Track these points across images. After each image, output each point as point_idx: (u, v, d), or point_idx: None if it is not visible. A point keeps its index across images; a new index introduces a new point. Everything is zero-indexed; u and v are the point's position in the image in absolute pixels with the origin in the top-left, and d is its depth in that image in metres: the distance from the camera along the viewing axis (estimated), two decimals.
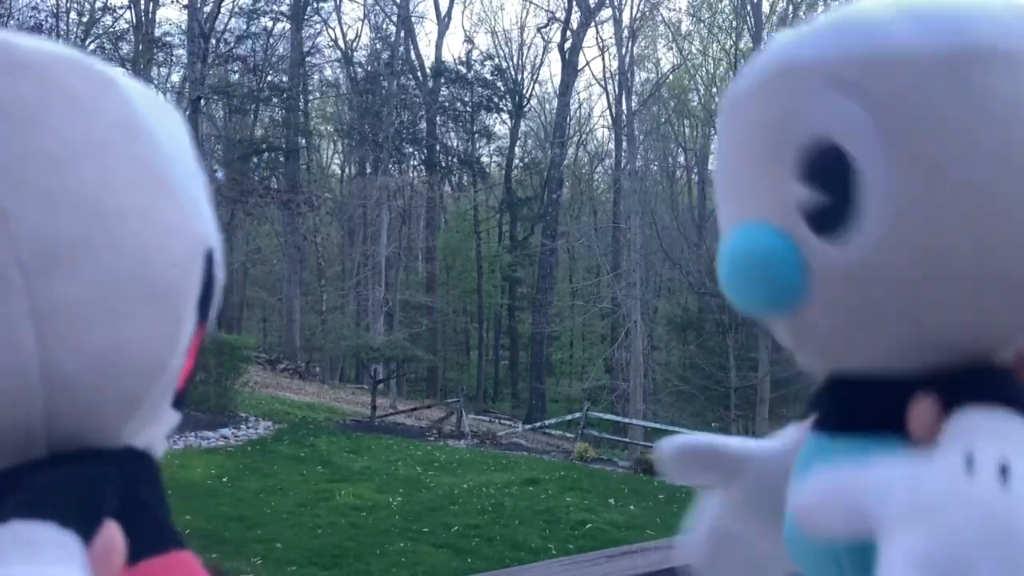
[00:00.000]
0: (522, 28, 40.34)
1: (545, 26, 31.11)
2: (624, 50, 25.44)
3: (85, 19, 22.11)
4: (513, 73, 31.88)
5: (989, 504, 0.30)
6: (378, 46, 29.96)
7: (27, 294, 0.33)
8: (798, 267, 0.38)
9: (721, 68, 28.18)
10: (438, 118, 30.30)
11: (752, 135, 0.40)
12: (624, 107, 26.05)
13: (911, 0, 0.37)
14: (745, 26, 26.23)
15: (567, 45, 28.12)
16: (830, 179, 0.36)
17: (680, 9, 32.46)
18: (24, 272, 0.33)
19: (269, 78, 27.21)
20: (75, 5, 22.34)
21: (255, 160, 28.02)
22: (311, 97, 30.12)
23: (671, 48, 29.86)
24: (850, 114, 0.36)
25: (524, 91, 31.86)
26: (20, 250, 0.33)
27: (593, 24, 28.68)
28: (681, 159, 31.56)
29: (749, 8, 25.34)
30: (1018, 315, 0.36)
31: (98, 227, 0.35)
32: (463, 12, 46.62)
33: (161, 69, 24.25)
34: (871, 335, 0.38)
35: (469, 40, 39.54)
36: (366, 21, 30.59)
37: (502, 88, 31.05)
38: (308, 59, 28.48)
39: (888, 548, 0.31)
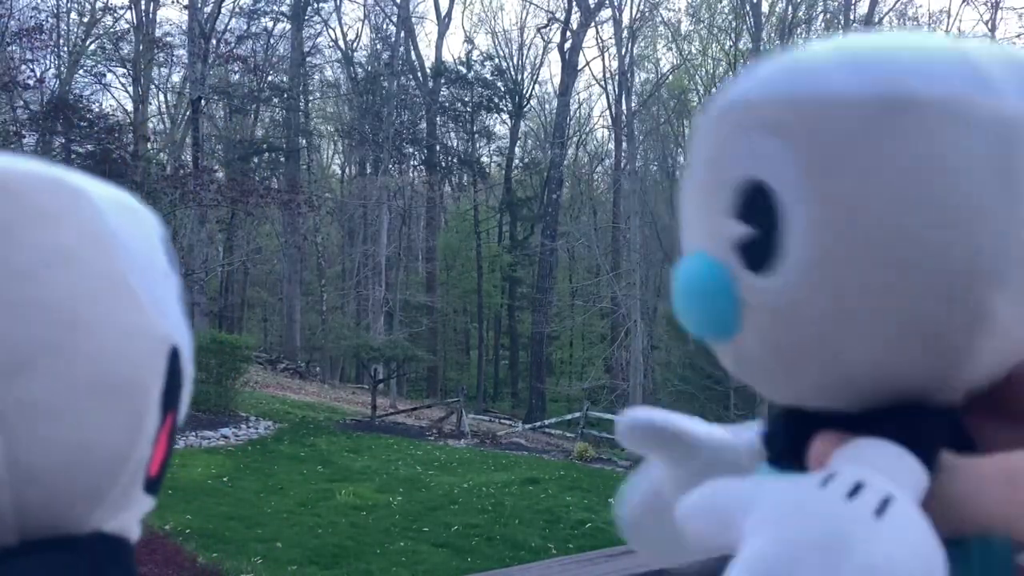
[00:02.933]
0: (522, 28, 40.32)
1: (545, 26, 31.16)
2: (624, 50, 25.47)
3: (86, 19, 22.14)
4: (513, 73, 31.90)
5: (827, 513, 0.33)
6: (378, 46, 30.00)
7: None
8: (730, 298, 0.40)
9: (721, 68, 28.20)
10: (438, 118, 30.32)
11: (698, 172, 0.43)
12: (624, 107, 26.08)
13: (852, 47, 0.38)
14: (744, 26, 26.26)
15: (567, 45, 28.14)
16: (758, 215, 0.38)
17: (680, 9, 32.53)
18: None
19: (269, 78, 27.23)
20: (75, 5, 22.37)
21: (255, 160, 28.04)
22: (311, 97, 30.15)
23: (671, 48, 29.90)
24: (774, 153, 0.37)
25: (524, 91, 31.88)
26: None
27: (593, 24, 28.71)
28: (681, 159, 31.60)
29: (748, 8, 25.37)
30: (940, 362, 0.37)
31: (61, 334, 0.38)
32: (463, 12, 46.64)
33: (161, 69, 24.26)
34: (796, 369, 0.40)
35: (469, 40, 39.57)
36: (366, 21, 30.66)
37: (502, 88, 31.06)
38: (308, 59, 28.51)
39: (737, 555, 0.34)
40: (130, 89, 23.39)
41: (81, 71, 22.11)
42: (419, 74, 29.91)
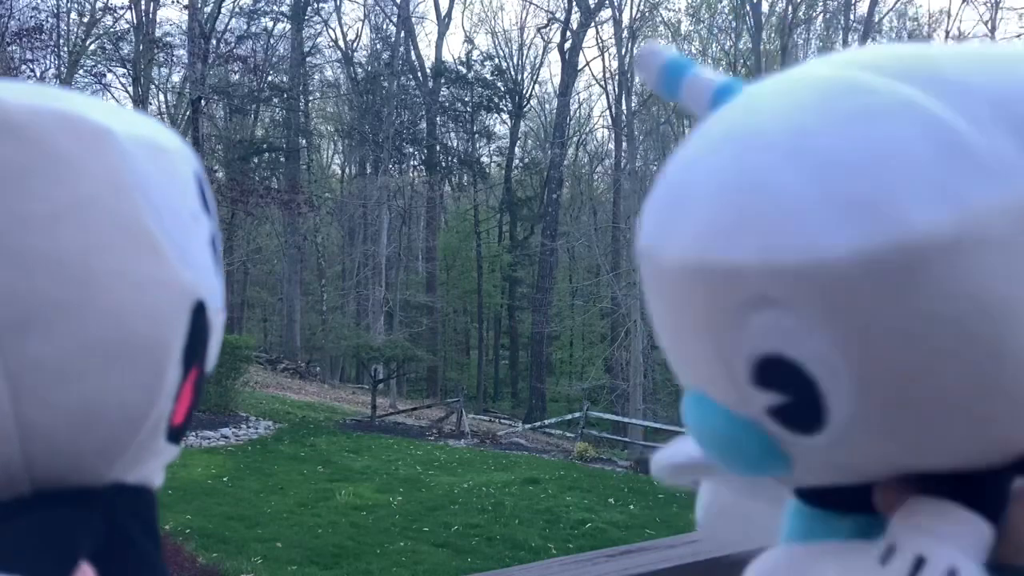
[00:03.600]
0: (522, 28, 40.23)
1: (545, 26, 31.15)
2: (624, 50, 25.46)
3: (86, 19, 22.12)
4: (513, 73, 31.89)
5: None
6: (378, 46, 29.99)
7: (0, 353, 0.34)
8: (776, 459, 0.37)
9: (720, 68, 28.20)
10: (438, 118, 30.31)
11: (685, 317, 0.37)
12: (624, 107, 26.08)
13: (823, 163, 0.32)
14: (744, 26, 26.26)
15: (567, 45, 28.12)
16: (787, 385, 0.34)
17: (680, 10, 32.45)
18: None
19: (269, 78, 27.22)
20: (75, 5, 22.36)
21: (255, 160, 28.04)
22: (311, 97, 30.14)
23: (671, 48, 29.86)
24: (785, 328, 0.33)
25: (524, 91, 31.86)
26: None
27: (593, 24, 28.70)
28: None
29: (748, 8, 25.37)
30: (1015, 443, 0.34)
31: (75, 289, 0.35)
32: (463, 12, 46.56)
33: (161, 69, 24.24)
34: (861, 477, 0.37)
35: (469, 40, 39.53)
36: (366, 21, 30.63)
37: (502, 88, 31.05)
38: (308, 59, 28.51)
39: None
40: (130, 89, 23.38)
41: (81, 71, 22.09)
42: (419, 74, 29.90)
